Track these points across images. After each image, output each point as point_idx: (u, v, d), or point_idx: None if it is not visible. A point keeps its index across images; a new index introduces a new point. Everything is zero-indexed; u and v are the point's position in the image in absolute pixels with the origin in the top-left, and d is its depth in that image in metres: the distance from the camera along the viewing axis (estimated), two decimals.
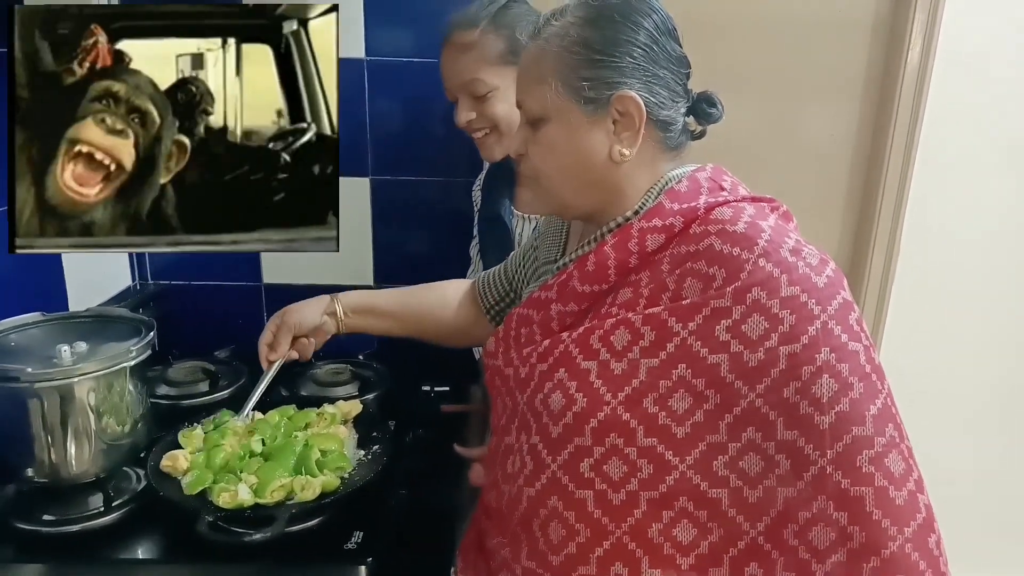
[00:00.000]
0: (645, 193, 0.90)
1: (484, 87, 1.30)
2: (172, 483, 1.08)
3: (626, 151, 0.87)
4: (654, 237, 0.86)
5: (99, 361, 1.06)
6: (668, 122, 0.88)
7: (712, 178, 0.90)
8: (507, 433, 0.93)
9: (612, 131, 0.86)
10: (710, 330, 0.79)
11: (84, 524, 1.08)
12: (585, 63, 0.85)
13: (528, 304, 0.96)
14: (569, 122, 0.87)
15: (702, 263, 0.82)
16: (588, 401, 0.82)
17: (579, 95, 0.85)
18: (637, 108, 0.85)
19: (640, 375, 0.81)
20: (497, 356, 0.98)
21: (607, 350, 0.84)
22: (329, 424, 1.21)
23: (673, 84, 0.88)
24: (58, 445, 1.05)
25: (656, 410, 0.80)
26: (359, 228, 1.73)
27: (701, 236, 0.83)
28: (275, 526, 0.97)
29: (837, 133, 1.77)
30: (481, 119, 1.34)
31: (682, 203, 0.86)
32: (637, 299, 0.85)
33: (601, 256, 0.88)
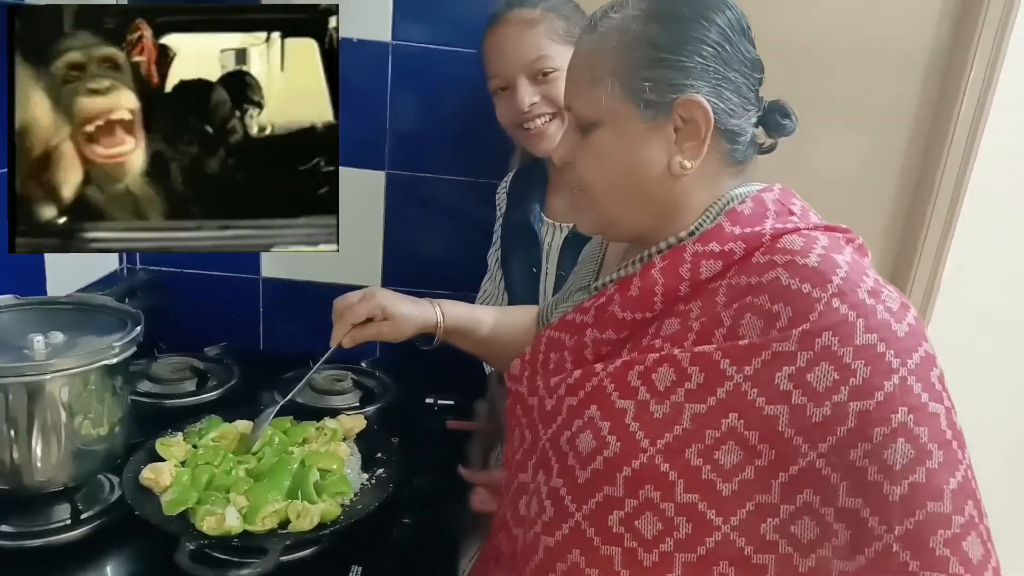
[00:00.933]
0: (703, 213, 0.81)
1: (551, 64, 1.22)
2: (151, 500, 0.96)
3: (688, 163, 0.77)
4: (710, 264, 0.76)
5: (76, 357, 0.94)
6: (736, 132, 0.79)
7: (780, 200, 0.80)
8: (522, 470, 0.84)
9: (673, 140, 0.77)
10: (769, 377, 0.69)
11: (47, 539, 0.96)
12: (648, 62, 0.76)
13: (560, 326, 0.87)
14: (625, 128, 0.78)
15: (765, 298, 0.72)
16: (622, 446, 0.73)
17: (638, 97, 0.76)
18: (704, 115, 0.75)
19: (684, 422, 0.72)
20: (522, 381, 0.88)
21: (647, 389, 0.74)
22: (329, 440, 1.10)
23: (745, 90, 0.78)
24: (22, 447, 0.93)
25: (700, 463, 0.71)
26: (370, 224, 1.61)
27: (766, 267, 0.73)
28: (266, 560, 0.86)
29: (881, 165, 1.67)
30: (544, 103, 1.24)
31: (744, 227, 0.77)
32: (685, 333, 0.75)
33: (647, 281, 0.79)
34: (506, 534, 0.85)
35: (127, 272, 1.60)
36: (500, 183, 1.47)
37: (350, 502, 1.00)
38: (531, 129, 1.26)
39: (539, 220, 1.35)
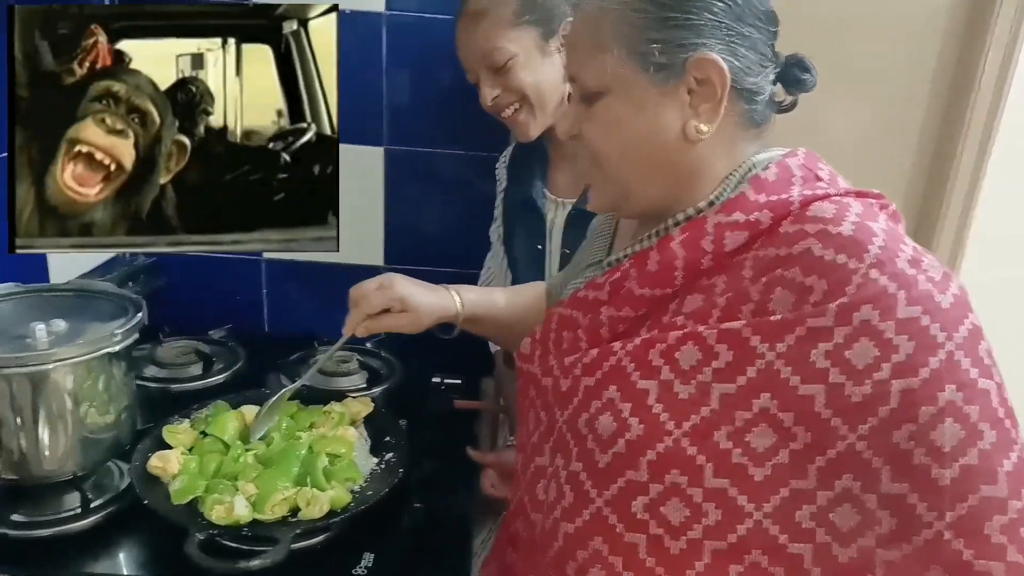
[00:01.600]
0: (723, 181, 0.76)
1: (503, 55, 1.19)
2: (159, 488, 0.96)
3: (704, 126, 0.72)
4: (734, 235, 0.71)
5: (78, 345, 0.93)
6: (754, 91, 0.74)
7: (806, 165, 0.75)
8: (539, 453, 0.80)
9: (688, 103, 0.72)
10: (804, 354, 0.65)
11: (57, 528, 0.95)
12: (654, 23, 0.71)
13: (573, 303, 0.83)
14: (634, 94, 0.73)
15: (796, 271, 0.67)
16: (645, 428, 0.69)
17: (647, 61, 0.71)
18: (719, 74, 0.70)
19: (711, 402, 0.68)
20: (533, 361, 0.84)
21: (671, 369, 0.70)
22: (337, 424, 1.09)
23: (761, 45, 0.73)
24: (29, 437, 0.93)
25: (730, 446, 0.66)
26: (370, 203, 1.59)
27: (796, 237, 0.68)
28: (276, 550, 0.85)
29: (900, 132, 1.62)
30: (507, 93, 1.22)
31: (770, 194, 0.72)
32: (710, 309, 0.71)
33: (667, 254, 0.74)
34: (524, 519, 0.82)
35: (128, 257, 1.58)
36: (500, 157, 1.44)
37: (360, 488, 0.99)
38: (505, 119, 1.25)
39: (542, 196, 1.32)
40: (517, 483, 0.86)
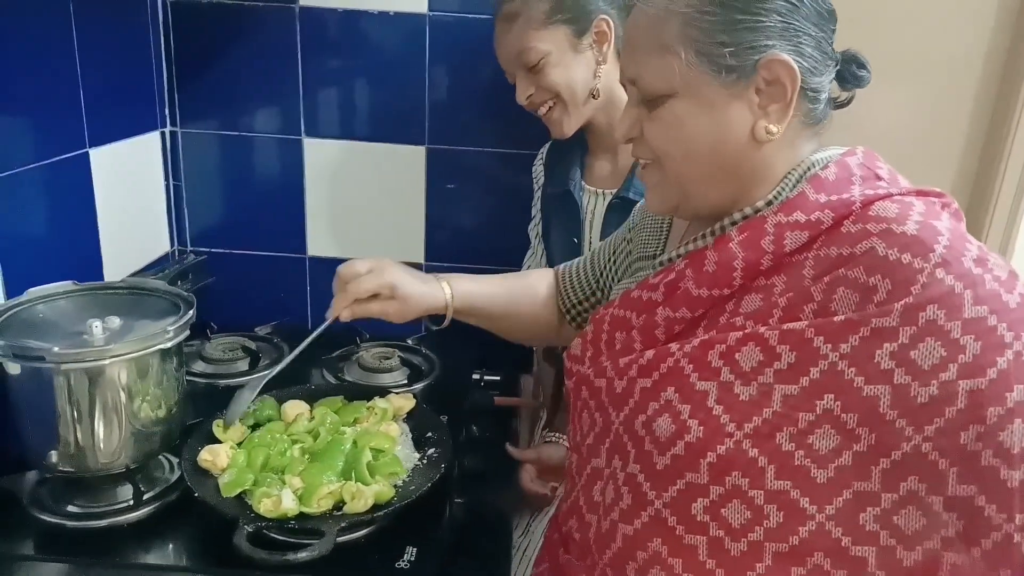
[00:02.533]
0: (782, 180, 0.76)
1: (535, 55, 1.21)
2: (209, 481, 0.98)
3: (774, 127, 0.72)
4: (795, 235, 0.71)
5: (132, 341, 0.96)
6: (817, 90, 0.74)
7: (865, 164, 0.75)
8: (594, 454, 0.81)
9: (756, 103, 0.72)
10: (868, 355, 0.64)
11: (111, 519, 0.98)
12: (723, 25, 0.70)
13: (625, 303, 0.82)
14: (703, 96, 0.72)
15: (859, 270, 0.66)
16: (705, 431, 0.69)
17: (717, 64, 0.71)
18: (790, 74, 0.70)
19: (774, 404, 0.67)
20: (584, 362, 0.84)
21: (731, 370, 0.70)
22: (380, 420, 1.10)
23: (824, 43, 0.73)
24: (85, 431, 0.95)
25: (792, 448, 0.66)
26: (412, 201, 1.60)
27: (858, 236, 0.68)
28: (322, 543, 0.86)
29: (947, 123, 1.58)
30: (541, 92, 1.24)
31: (830, 194, 0.72)
32: (770, 310, 0.70)
33: (726, 255, 0.74)
34: (578, 520, 0.82)
35: (178, 254, 1.62)
36: (537, 155, 1.45)
37: (403, 482, 1.00)
38: (541, 117, 1.27)
39: (579, 188, 1.33)
40: (571, 484, 0.85)
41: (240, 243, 1.63)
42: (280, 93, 1.53)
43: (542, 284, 1.12)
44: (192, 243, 1.63)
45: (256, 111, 1.55)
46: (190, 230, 1.62)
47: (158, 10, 1.47)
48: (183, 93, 1.54)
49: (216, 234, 1.63)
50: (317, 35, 1.49)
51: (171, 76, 1.52)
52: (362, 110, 1.56)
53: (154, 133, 1.52)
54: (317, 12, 1.48)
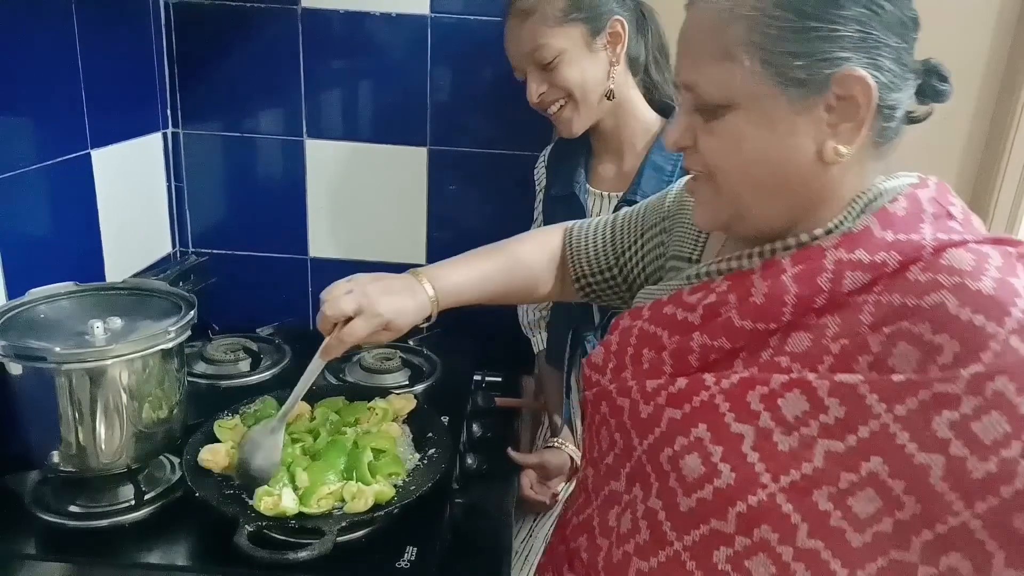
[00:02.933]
0: (846, 207, 0.69)
1: (550, 52, 1.20)
2: (210, 480, 0.98)
3: (844, 148, 0.66)
4: (855, 275, 0.65)
5: (134, 342, 0.96)
6: (894, 107, 0.67)
7: (937, 199, 0.68)
8: (613, 476, 0.77)
9: (825, 121, 0.65)
10: (925, 420, 0.59)
11: (113, 519, 0.98)
12: (794, 33, 0.63)
13: (656, 319, 0.77)
14: (766, 110, 0.66)
15: (925, 327, 0.60)
16: (737, 478, 0.64)
17: (784, 76, 0.64)
18: (865, 91, 0.64)
19: (815, 459, 0.62)
20: (605, 372, 0.79)
21: (772, 416, 0.65)
22: (380, 421, 1.10)
23: (905, 55, 0.66)
24: (87, 431, 0.96)
25: (830, 507, 0.62)
26: (413, 202, 1.61)
27: (928, 287, 0.62)
28: (322, 542, 0.86)
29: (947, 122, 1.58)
30: (553, 90, 1.23)
31: (898, 232, 0.65)
32: (820, 355, 0.65)
33: (776, 288, 0.68)
34: (589, 540, 0.79)
35: (180, 255, 1.63)
36: (539, 157, 1.45)
37: (403, 482, 1.00)
38: (550, 116, 1.26)
39: (584, 190, 1.32)
40: (585, 500, 0.82)
41: (242, 244, 1.64)
42: (282, 94, 1.54)
43: (545, 248, 1.05)
44: (194, 244, 1.64)
45: (258, 112, 1.56)
46: (192, 231, 1.63)
47: (160, 11, 1.48)
48: (185, 94, 1.54)
49: (218, 235, 1.63)
50: (319, 36, 1.50)
51: (173, 77, 1.53)
52: (364, 111, 1.56)
53: (156, 134, 1.53)
54: (319, 13, 1.48)
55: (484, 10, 1.47)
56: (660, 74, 1.33)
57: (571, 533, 0.84)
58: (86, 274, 1.28)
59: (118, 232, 1.39)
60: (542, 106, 1.25)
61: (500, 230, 1.57)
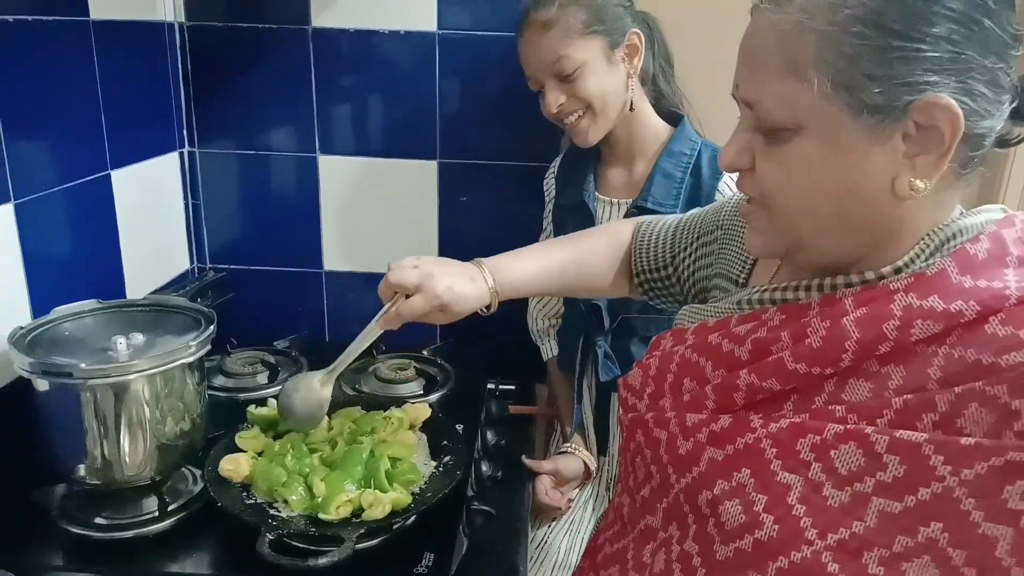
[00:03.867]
0: (919, 243, 0.63)
1: (572, 64, 1.21)
2: (231, 490, 1.01)
3: (920, 183, 0.59)
4: (927, 324, 0.59)
5: (155, 356, 0.98)
6: (984, 136, 0.59)
7: (1023, 239, 0.62)
8: (650, 511, 0.73)
9: (902, 152, 0.58)
10: (995, 489, 0.54)
11: (138, 530, 1.01)
12: (874, 52, 0.56)
13: (700, 348, 0.71)
14: (835, 136, 0.59)
15: (1003, 389, 0.55)
16: (781, 530, 0.59)
17: (858, 100, 0.57)
18: (951, 121, 0.56)
19: (868, 518, 0.57)
20: (642, 397, 0.75)
21: (823, 468, 0.59)
22: (396, 429, 1.12)
23: (1001, 76, 0.58)
24: (111, 444, 0.98)
25: (880, 571, 0.57)
26: (425, 215, 1.63)
27: (1006, 345, 0.56)
28: (342, 549, 0.89)
29: None
30: (572, 101, 1.24)
31: (978, 278, 0.59)
32: (881, 407, 0.59)
33: (837, 332, 0.62)
34: (622, 572, 0.75)
35: (198, 271, 1.66)
36: (549, 168, 1.47)
37: (420, 490, 1.02)
38: (566, 125, 1.27)
39: (593, 198, 1.34)
40: (620, 529, 0.79)
41: (258, 259, 1.67)
42: (294, 112, 1.57)
43: (613, 243, 1.03)
44: (211, 260, 1.67)
45: (271, 130, 1.59)
46: (209, 247, 1.66)
47: (175, 35, 1.52)
48: (200, 114, 1.58)
49: (234, 251, 1.67)
50: (329, 55, 1.53)
51: (188, 98, 1.56)
52: (375, 127, 1.59)
53: (173, 154, 1.56)
54: (329, 33, 1.52)
55: (490, 26, 1.50)
56: (667, 84, 1.36)
57: (603, 560, 0.80)
58: (108, 292, 1.31)
59: (138, 250, 1.42)
60: (559, 117, 1.26)
61: (510, 240, 1.60)
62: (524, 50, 1.27)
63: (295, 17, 1.50)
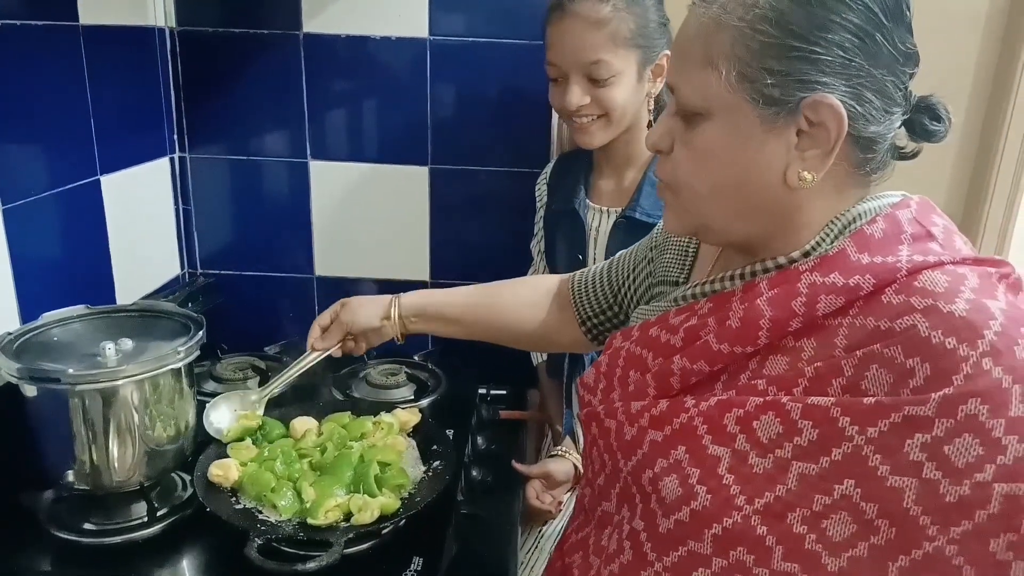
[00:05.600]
0: (823, 229, 0.69)
1: (608, 71, 1.19)
2: (220, 496, 1.01)
3: (808, 175, 0.65)
4: (830, 299, 0.64)
5: (144, 362, 0.98)
6: (873, 140, 0.66)
7: (917, 219, 0.67)
8: (605, 497, 0.77)
9: (794, 144, 0.65)
10: (897, 443, 0.58)
11: (126, 535, 1.01)
12: (774, 49, 0.62)
13: (643, 341, 0.77)
14: (737, 124, 0.65)
15: (897, 350, 0.60)
16: (713, 500, 0.64)
17: (758, 91, 0.63)
18: (836, 120, 0.63)
19: (789, 481, 0.62)
20: (596, 393, 0.80)
21: (747, 439, 0.65)
22: (386, 435, 1.12)
23: (891, 89, 0.65)
24: (100, 449, 0.98)
25: (804, 530, 0.61)
26: (416, 220, 1.63)
27: (900, 310, 0.61)
28: (330, 553, 0.89)
29: None
30: (594, 105, 1.23)
31: (874, 255, 0.65)
32: (795, 378, 0.64)
33: (752, 312, 0.68)
34: (583, 558, 0.80)
35: (188, 277, 1.66)
36: (540, 174, 1.47)
37: (409, 495, 1.02)
38: (575, 123, 1.26)
39: (584, 206, 1.34)
40: (584, 519, 0.83)
41: (249, 265, 1.67)
42: (286, 118, 1.57)
43: (536, 292, 1.12)
44: (202, 265, 1.67)
45: (263, 136, 1.59)
46: (200, 253, 1.66)
47: (166, 40, 1.52)
48: (191, 119, 1.58)
49: (225, 256, 1.66)
50: (321, 61, 1.53)
51: (179, 103, 1.56)
52: (366, 133, 1.60)
53: (163, 159, 1.56)
54: (321, 39, 1.52)
55: (482, 32, 1.50)
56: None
57: (568, 549, 0.84)
58: (97, 297, 1.31)
59: (128, 255, 1.42)
60: (573, 114, 1.24)
61: (501, 246, 1.62)
62: (560, 36, 1.21)
63: (286, 22, 1.50)
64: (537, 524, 1.40)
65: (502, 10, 1.48)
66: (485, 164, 1.60)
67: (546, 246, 1.44)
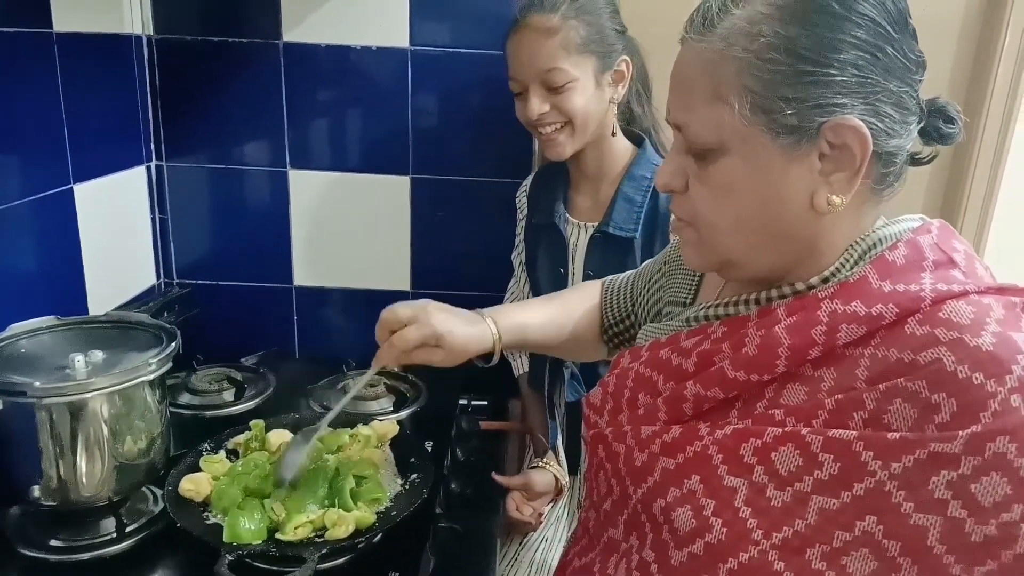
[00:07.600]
0: (843, 254, 0.67)
1: (563, 77, 1.20)
2: (192, 511, 0.98)
3: (837, 198, 0.63)
4: (851, 328, 0.63)
5: (115, 375, 0.96)
6: (894, 153, 0.64)
7: (939, 245, 0.66)
8: (612, 524, 0.75)
9: (818, 170, 0.63)
10: (922, 480, 0.57)
11: (95, 552, 0.98)
12: (787, 77, 0.60)
13: (653, 363, 0.75)
14: (756, 157, 0.63)
15: (922, 384, 0.58)
16: (729, 533, 0.62)
17: (775, 122, 0.61)
18: (860, 141, 0.61)
19: (808, 516, 0.60)
20: (603, 414, 0.78)
21: (765, 470, 0.62)
22: (363, 447, 1.11)
23: (906, 99, 0.63)
24: (68, 464, 0.96)
25: (823, 566, 0.59)
26: (397, 230, 1.62)
27: (924, 342, 0.59)
28: (303, 569, 0.87)
29: None
30: (555, 113, 1.23)
31: (897, 282, 0.63)
32: (815, 409, 0.62)
33: (770, 339, 0.65)
34: None
35: (164, 287, 1.63)
36: (521, 185, 1.47)
37: (385, 509, 1.01)
38: (542, 135, 1.26)
39: (563, 220, 1.34)
40: (588, 543, 0.81)
41: (226, 275, 1.65)
42: (265, 126, 1.56)
43: (587, 302, 1.05)
44: (178, 275, 1.64)
45: (241, 144, 1.58)
46: (176, 262, 1.64)
47: (143, 47, 1.50)
48: (169, 128, 1.56)
49: (202, 266, 1.64)
50: (301, 70, 1.52)
51: (156, 111, 1.55)
52: (346, 142, 1.58)
53: (139, 168, 1.54)
54: (301, 48, 1.51)
55: (462, 42, 1.50)
56: (640, 106, 1.36)
57: (571, 574, 0.82)
58: (69, 308, 1.28)
59: (101, 265, 1.39)
60: (537, 125, 1.25)
61: (483, 255, 1.61)
62: (515, 50, 1.23)
63: (266, 31, 1.49)
64: (518, 536, 1.38)
65: (483, 20, 1.48)
66: (466, 174, 1.59)
67: (527, 259, 1.44)
